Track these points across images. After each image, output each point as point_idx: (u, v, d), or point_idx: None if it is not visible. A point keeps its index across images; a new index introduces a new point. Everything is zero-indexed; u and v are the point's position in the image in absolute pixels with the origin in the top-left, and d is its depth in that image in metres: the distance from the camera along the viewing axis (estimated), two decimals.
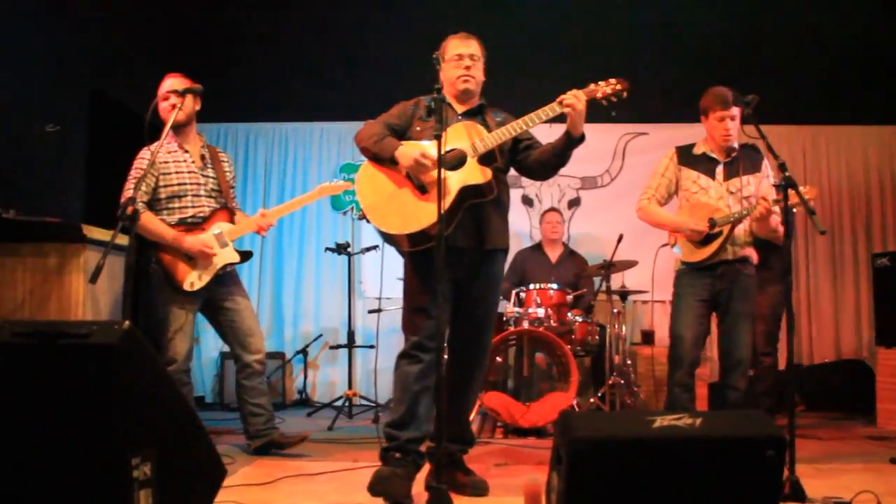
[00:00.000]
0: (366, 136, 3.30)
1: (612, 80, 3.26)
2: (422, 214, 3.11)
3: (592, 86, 3.25)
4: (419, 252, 3.19)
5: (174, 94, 3.85)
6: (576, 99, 3.14)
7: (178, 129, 4.08)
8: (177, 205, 4.06)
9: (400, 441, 3.13)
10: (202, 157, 4.20)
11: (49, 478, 2.29)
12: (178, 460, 2.44)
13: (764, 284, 4.79)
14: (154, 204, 4.04)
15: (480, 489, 3.29)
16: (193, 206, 4.09)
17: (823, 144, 7.05)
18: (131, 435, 2.27)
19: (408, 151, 3.16)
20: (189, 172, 4.10)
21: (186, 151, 4.14)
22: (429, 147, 3.15)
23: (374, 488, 2.99)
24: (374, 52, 6.02)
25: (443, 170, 2.86)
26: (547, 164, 3.39)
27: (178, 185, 4.06)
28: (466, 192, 3.14)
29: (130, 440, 2.26)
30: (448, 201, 3.06)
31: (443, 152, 2.88)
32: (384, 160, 3.24)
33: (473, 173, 3.16)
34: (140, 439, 2.30)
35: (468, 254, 3.26)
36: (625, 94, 3.27)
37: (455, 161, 3.15)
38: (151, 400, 2.38)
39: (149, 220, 3.95)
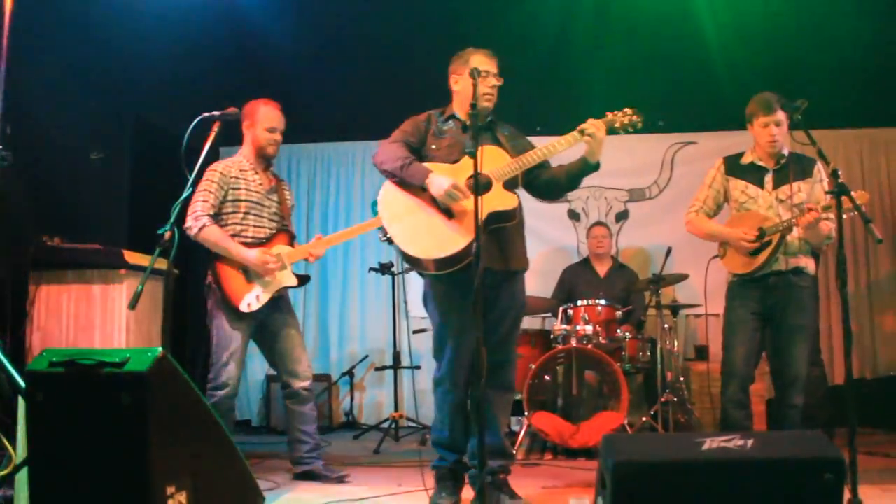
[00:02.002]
0: (389, 158, 3.36)
1: (629, 111, 3.37)
2: (450, 239, 3.19)
3: (610, 115, 3.35)
4: (443, 276, 3.27)
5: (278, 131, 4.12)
6: (595, 129, 3.25)
7: (258, 152, 4.13)
8: (240, 221, 4.03)
9: (449, 462, 3.41)
10: (270, 181, 4.21)
11: None
12: (214, 488, 2.41)
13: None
14: (217, 218, 3.98)
15: None
16: (255, 226, 4.07)
17: (882, 149, 6.79)
18: (166, 463, 2.25)
19: (440, 182, 3.21)
20: (256, 192, 4.10)
21: (257, 173, 4.14)
22: (456, 171, 3.25)
23: None
24: (415, 71, 6.00)
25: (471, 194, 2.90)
26: (559, 186, 3.52)
27: (246, 201, 4.05)
28: (493, 218, 3.20)
29: (165, 468, 2.24)
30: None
31: (471, 176, 2.90)
32: (412, 185, 3.29)
33: (502, 199, 3.24)
34: (175, 467, 2.28)
35: (492, 275, 3.27)
36: (639, 124, 3.36)
37: (483, 186, 3.14)
38: (186, 427, 2.36)
39: (215, 233, 3.91)
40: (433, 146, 3.42)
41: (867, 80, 5.86)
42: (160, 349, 2.25)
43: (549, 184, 3.50)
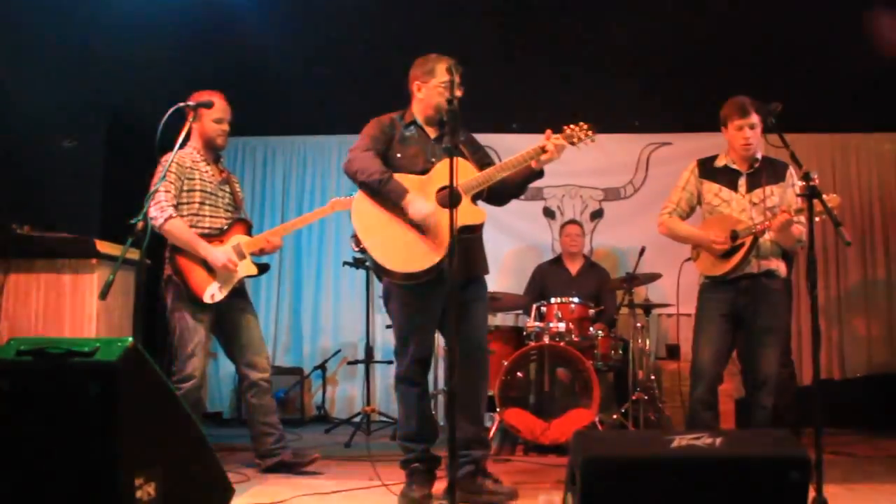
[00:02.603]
0: (365, 170, 3.39)
1: (584, 125, 3.44)
2: (423, 254, 3.31)
3: (568, 130, 3.44)
4: (411, 284, 3.38)
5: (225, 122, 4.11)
6: (556, 147, 3.36)
7: (207, 144, 4.13)
8: (196, 211, 4.03)
9: (417, 452, 3.48)
10: (221, 172, 4.21)
11: (52, 498, 2.25)
12: (184, 480, 2.40)
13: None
14: (175, 209, 3.97)
15: (511, 495, 3.43)
16: (211, 217, 4.08)
17: (853, 153, 6.87)
18: (135, 454, 2.23)
19: (418, 206, 3.31)
20: (210, 183, 4.11)
21: (208, 164, 4.14)
22: (426, 183, 3.41)
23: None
24: (392, 65, 5.98)
25: (442, 209, 3.09)
26: (509, 193, 3.63)
27: (200, 191, 4.05)
28: (463, 231, 3.26)
29: (134, 459, 2.23)
30: (448, 241, 3.10)
31: (437, 189, 3.21)
32: (386, 202, 3.38)
33: (471, 214, 3.37)
34: (144, 458, 2.27)
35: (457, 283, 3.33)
36: (594, 139, 3.47)
37: (454, 201, 3.19)
38: (156, 418, 2.34)
39: (180, 226, 3.91)
40: (398, 154, 3.49)
41: (841, 86, 5.93)
42: (130, 339, 2.23)
43: (500, 192, 3.59)
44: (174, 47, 5.48)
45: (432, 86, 3.53)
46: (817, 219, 3.34)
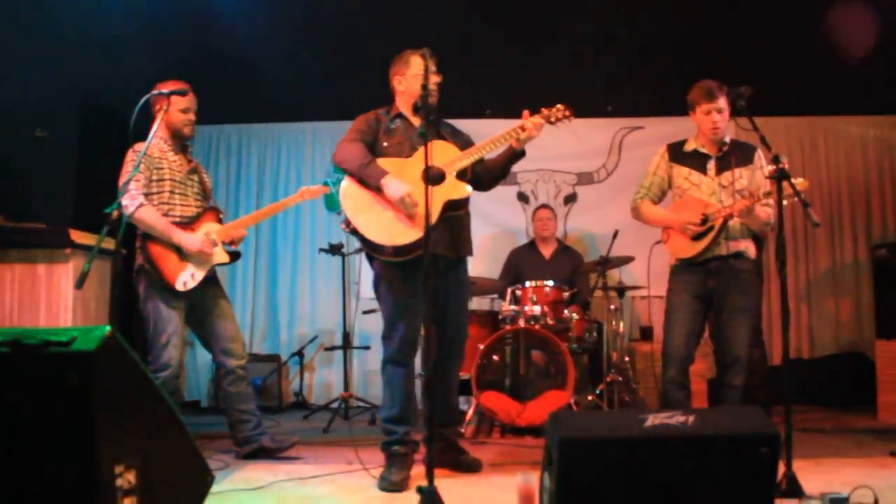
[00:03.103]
0: (350, 157, 3.62)
1: (560, 107, 3.67)
2: (408, 227, 3.50)
3: (545, 111, 3.66)
4: (396, 262, 3.57)
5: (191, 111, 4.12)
6: (534, 127, 3.59)
7: (174, 133, 4.13)
8: (166, 200, 4.03)
9: (399, 435, 3.60)
10: (189, 162, 4.21)
11: (32, 487, 2.25)
12: (163, 467, 2.40)
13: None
14: (146, 198, 3.97)
15: (476, 466, 3.77)
16: (182, 205, 4.08)
17: (821, 135, 6.97)
18: (114, 443, 2.23)
19: (394, 186, 3.49)
20: (178, 172, 4.11)
21: (176, 154, 4.14)
22: (409, 165, 3.58)
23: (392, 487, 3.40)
24: (365, 52, 5.98)
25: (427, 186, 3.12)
26: (494, 176, 3.87)
27: (170, 180, 4.05)
28: (449, 206, 3.55)
29: (114, 448, 2.23)
30: (434, 215, 3.35)
31: (421, 169, 3.27)
32: (369, 185, 3.57)
33: (455, 189, 3.58)
34: (123, 447, 2.26)
35: (443, 261, 3.65)
36: (571, 119, 3.68)
37: (437, 178, 3.51)
38: (135, 407, 2.34)
39: (151, 213, 3.91)
40: (384, 143, 3.70)
41: (810, 69, 6.01)
42: (108, 328, 2.23)
43: (485, 175, 3.84)
44: (146, 35, 5.43)
45: (410, 76, 3.73)
46: (786, 202, 3.40)
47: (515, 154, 3.71)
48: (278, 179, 7.07)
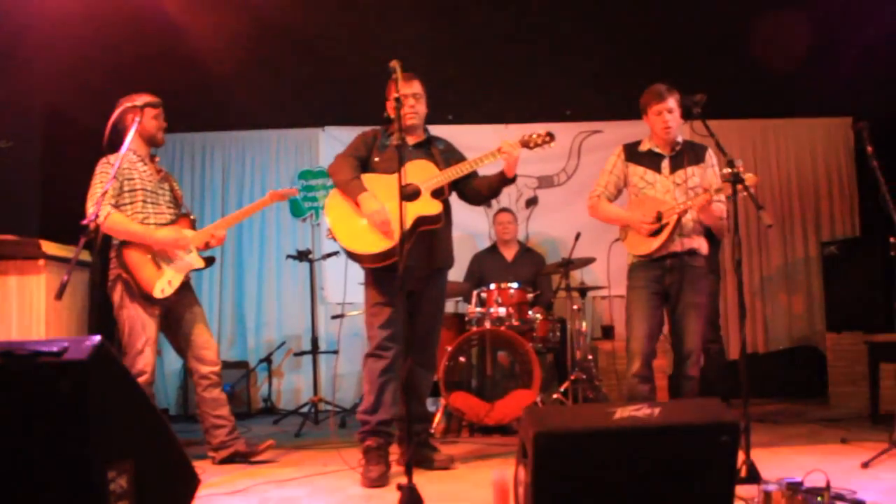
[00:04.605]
0: (339, 171, 3.93)
1: (542, 133, 3.93)
2: (380, 238, 3.75)
3: (525, 137, 3.92)
4: (379, 268, 3.80)
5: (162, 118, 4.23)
6: (512, 148, 3.83)
7: (148, 141, 4.22)
8: (139, 210, 4.08)
9: (372, 424, 3.78)
10: (159, 171, 4.28)
11: (27, 495, 2.31)
12: (153, 471, 2.47)
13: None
14: (117, 209, 4.03)
15: (450, 463, 3.95)
16: (155, 213, 4.15)
17: (772, 137, 7.22)
18: (106, 449, 2.30)
19: (367, 203, 3.76)
20: (150, 181, 4.18)
21: (146, 164, 4.20)
22: (391, 181, 3.65)
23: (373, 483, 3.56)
24: (330, 61, 6.06)
25: (405, 202, 3.29)
26: (481, 196, 4.13)
27: (141, 189, 4.11)
28: (420, 221, 3.78)
29: (106, 454, 2.29)
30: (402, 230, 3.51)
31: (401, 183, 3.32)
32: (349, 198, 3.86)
33: (427, 206, 3.82)
34: (115, 452, 2.33)
35: (420, 271, 3.88)
36: (552, 144, 3.94)
37: (412, 194, 3.76)
38: (125, 413, 2.41)
39: (119, 221, 3.97)
40: (376, 159, 3.97)
41: (760, 73, 6.21)
42: (99, 336, 2.30)
43: (474, 193, 4.10)
44: (111, 45, 5.44)
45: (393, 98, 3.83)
46: (740, 195, 3.59)
47: (505, 180, 3.97)
48: (243, 187, 7.10)
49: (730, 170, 3.53)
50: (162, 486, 2.54)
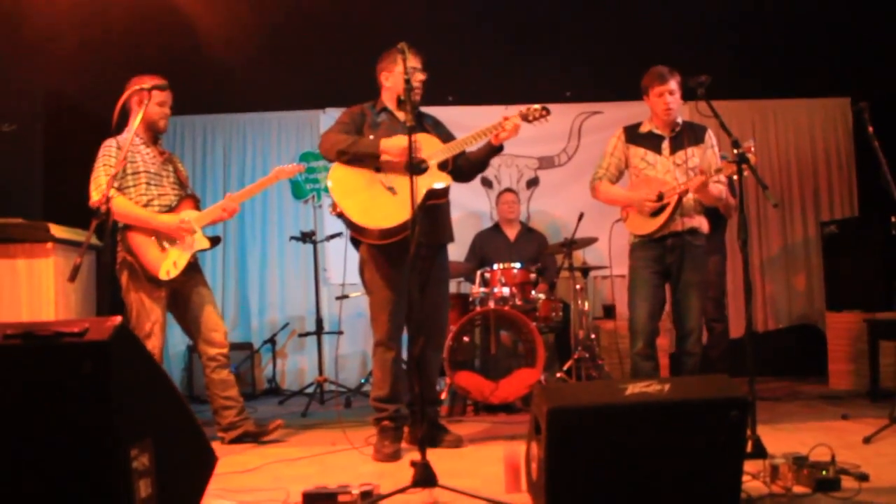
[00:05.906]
0: (337, 141, 3.80)
1: (538, 107, 3.89)
2: (395, 212, 3.65)
3: (524, 110, 3.88)
4: (382, 246, 3.73)
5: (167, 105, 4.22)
6: (514, 124, 3.80)
7: (148, 127, 4.20)
8: (143, 192, 4.10)
9: (389, 412, 3.81)
10: (162, 154, 4.29)
11: (52, 472, 2.35)
12: (173, 449, 2.51)
13: (707, 253, 4.98)
14: (121, 192, 4.04)
15: (459, 442, 3.94)
16: (160, 195, 4.16)
17: (771, 118, 7.26)
18: (129, 427, 2.33)
19: (393, 142, 3.68)
20: (153, 164, 4.19)
21: (148, 147, 4.22)
22: (395, 163, 3.73)
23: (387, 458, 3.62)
24: (330, 42, 6.06)
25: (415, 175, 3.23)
26: (473, 168, 4.10)
27: (145, 172, 4.12)
28: (430, 194, 3.72)
29: (128, 432, 2.33)
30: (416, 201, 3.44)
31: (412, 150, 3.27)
32: (364, 158, 3.74)
33: (437, 178, 3.76)
34: (137, 431, 2.37)
35: (425, 247, 3.82)
36: (548, 119, 3.92)
37: (420, 168, 3.61)
38: (146, 392, 2.45)
39: (122, 204, 3.97)
40: (370, 136, 3.83)
41: (760, 55, 6.24)
42: (119, 317, 2.33)
43: (466, 167, 4.04)
44: (113, 29, 5.42)
45: (397, 73, 3.86)
46: (735, 177, 3.63)
47: (494, 149, 3.95)
48: (244, 169, 7.12)
49: (736, 150, 3.57)
50: (182, 463, 2.57)
